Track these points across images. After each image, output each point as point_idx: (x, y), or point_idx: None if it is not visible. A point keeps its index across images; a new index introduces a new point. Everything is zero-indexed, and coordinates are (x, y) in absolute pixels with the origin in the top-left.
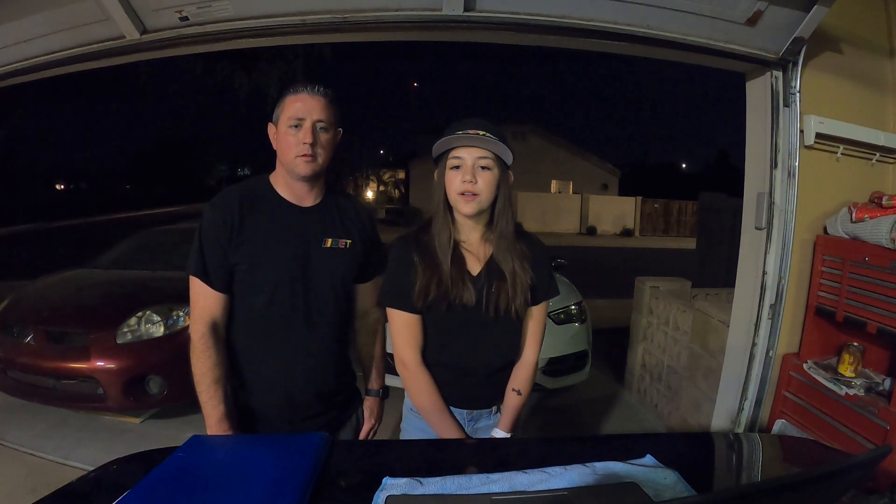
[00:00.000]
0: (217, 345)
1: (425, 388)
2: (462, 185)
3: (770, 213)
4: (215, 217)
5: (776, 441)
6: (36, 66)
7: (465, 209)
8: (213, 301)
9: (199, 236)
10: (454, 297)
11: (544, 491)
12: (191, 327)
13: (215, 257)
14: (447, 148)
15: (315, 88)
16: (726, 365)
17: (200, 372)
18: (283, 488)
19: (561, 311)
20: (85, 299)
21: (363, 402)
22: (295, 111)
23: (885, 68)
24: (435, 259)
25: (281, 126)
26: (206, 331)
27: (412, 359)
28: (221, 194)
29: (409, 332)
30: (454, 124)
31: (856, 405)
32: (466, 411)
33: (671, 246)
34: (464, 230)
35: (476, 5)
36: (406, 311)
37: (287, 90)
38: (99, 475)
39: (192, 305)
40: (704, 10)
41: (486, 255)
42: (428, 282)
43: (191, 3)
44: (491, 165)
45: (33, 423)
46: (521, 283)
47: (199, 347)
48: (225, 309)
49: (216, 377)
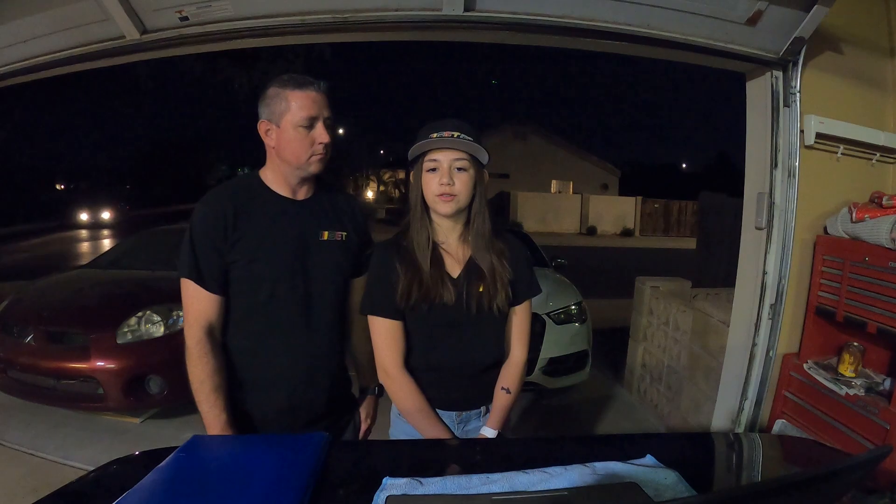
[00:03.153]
0: (215, 349)
1: (408, 392)
2: (440, 187)
3: (770, 213)
4: (207, 215)
5: (776, 441)
6: (36, 66)
7: (443, 209)
8: (208, 303)
9: (191, 236)
10: (435, 298)
11: (544, 491)
12: (186, 333)
13: (209, 257)
14: (423, 151)
15: (319, 84)
16: (726, 365)
17: (199, 379)
18: (283, 488)
19: (561, 311)
20: (85, 299)
21: (358, 404)
22: (307, 110)
23: (885, 68)
24: (415, 262)
25: (287, 125)
26: (203, 335)
27: (393, 365)
28: (212, 192)
29: (391, 339)
30: (429, 125)
31: (856, 405)
32: (455, 413)
33: (671, 246)
34: (442, 231)
35: (476, 5)
36: (386, 318)
37: (283, 84)
38: (99, 475)
39: (185, 309)
40: (704, 10)
41: (465, 257)
42: (409, 284)
43: (191, 3)
44: (467, 167)
45: (33, 423)
46: (500, 279)
47: (196, 353)
48: (221, 311)
49: (216, 384)
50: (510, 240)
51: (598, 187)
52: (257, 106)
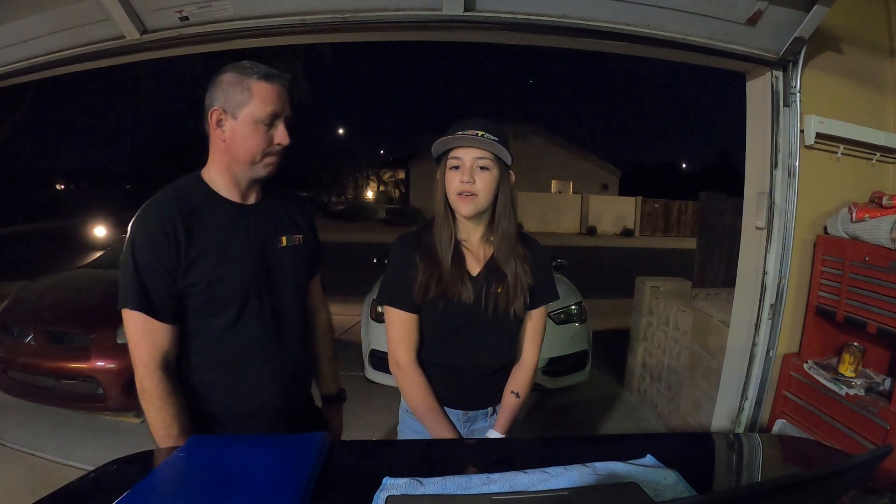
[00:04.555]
0: (176, 387)
1: (419, 388)
2: (460, 185)
3: (770, 212)
4: (154, 235)
5: (776, 441)
6: (36, 66)
7: (464, 210)
8: (162, 335)
9: (133, 261)
10: (453, 296)
11: (545, 491)
12: (139, 373)
13: (160, 282)
14: (446, 148)
15: (285, 77)
16: (726, 365)
17: (165, 425)
18: (283, 488)
19: (561, 311)
20: (85, 299)
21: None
22: (271, 105)
23: (885, 68)
24: (435, 257)
25: (245, 118)
26: (162, 373)
27: (406, 358)
28: (152, 205)
29: (405, 331)
30: (455, 124)
31: (856, 405)
32: (462, 412)
33: (671, 246)
34: (464, 230)
35: (476, 5)
36: (403, 310)
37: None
38: (99, 475)
39: (133, 346)
40: (704, 10)
41: (486, 256)
42: (428, 279)
43: (191, 3)
44: (490, 166)
45: (33, 423)
46: (521, 285)
47: (157, 396)
48: (175, 342)
49: (184, 426)
50: (533, 244)
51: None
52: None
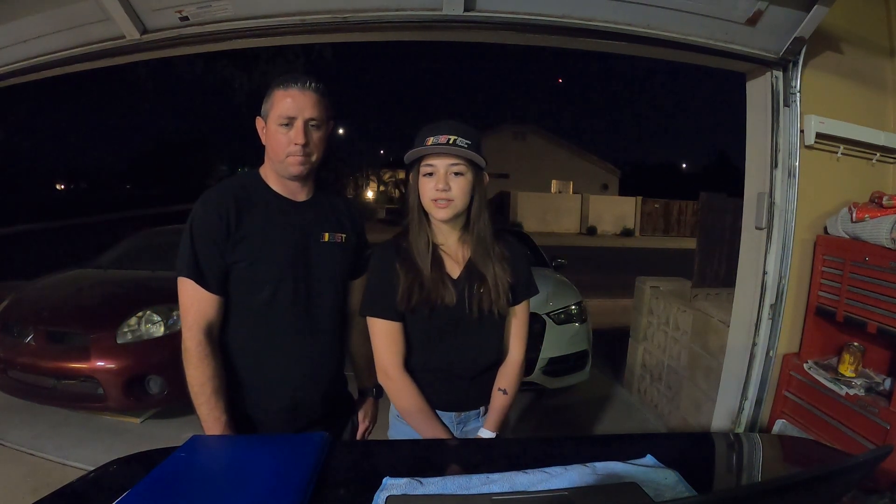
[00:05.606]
0: (215, 351)
1: (408, 393)
2: (436, 192)
3: (770, 212)
4: (209, 213)
5: (776, 441)
6: (36, 66)
7: (440, 214)
8: (208, 304)
9: (191, 235)
10: (436, 300)
11: (545, 491)
12: (185, 334)
13: (211, 256)
14: (419, 156)
15: (306, 83)
16: (726, 365)
17: (199, 382)
18: (283, 488)
19: (561, 311)
20: (85, 299)
21: (356, 405)
22: (285, 109)
23: (885, 68)
24: (415, 263)
25: (270, 123)
26: (203, 337)
27: (393, 366)
28: (213, 190)
29: (390, 340)
30: (426, 128)
31: (856, 405)
32: (454, 414)
33: (671, 246)
34: (441, 233)
35: (476, 5)
36: (386, 319)
37: (276, 83)
38: (99, 475)
39: (184, 310)
40: (704, 10)
41: (464, 257)
42: (410, 285)
43: (191, 3)
44: (464, 171)
45: (33, 423)
46: (502, 285)
47: (196, 356)
48: (220, 312)
49: (216, 387)
50: (509, 241)
51: (598, 187)
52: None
